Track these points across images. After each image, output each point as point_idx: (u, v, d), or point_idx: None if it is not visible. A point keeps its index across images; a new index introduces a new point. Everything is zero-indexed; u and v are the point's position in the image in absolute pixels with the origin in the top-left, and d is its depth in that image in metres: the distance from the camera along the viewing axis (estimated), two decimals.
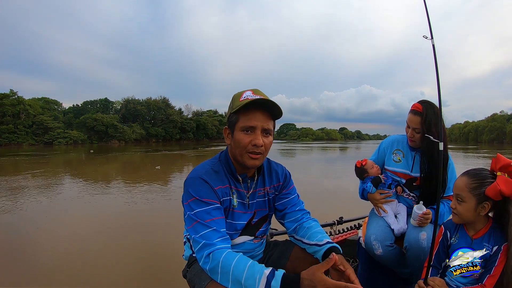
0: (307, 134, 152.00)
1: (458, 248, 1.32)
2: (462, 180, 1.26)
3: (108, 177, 10.23)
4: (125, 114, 64.45)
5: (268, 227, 1.39)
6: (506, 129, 73.55)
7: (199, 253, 1.04)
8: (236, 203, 1.23)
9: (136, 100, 67.54)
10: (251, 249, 1.30)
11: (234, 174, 1.23)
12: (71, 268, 3.08)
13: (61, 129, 49.76)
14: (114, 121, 56.91)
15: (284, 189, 1.38)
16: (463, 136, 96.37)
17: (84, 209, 5.63)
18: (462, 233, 1.33)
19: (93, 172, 12.05)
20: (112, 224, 4.67)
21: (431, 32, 1.41)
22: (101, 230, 4.39)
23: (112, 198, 6.63)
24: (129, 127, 60.47)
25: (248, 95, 1.14)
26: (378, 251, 1.64)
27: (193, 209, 1.09)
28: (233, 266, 0.97)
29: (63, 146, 44.70)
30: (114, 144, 50.81)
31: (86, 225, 4.61)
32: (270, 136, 1.19)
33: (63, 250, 3.58)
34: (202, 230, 1.05)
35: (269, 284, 0.92)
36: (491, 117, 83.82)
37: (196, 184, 1.13)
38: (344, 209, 5.07)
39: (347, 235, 2.43)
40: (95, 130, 53.85)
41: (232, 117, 1.16)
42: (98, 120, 54.11)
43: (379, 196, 1.84)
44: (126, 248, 3.63)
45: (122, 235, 4.13)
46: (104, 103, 69.66)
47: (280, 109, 1.16)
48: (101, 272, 2.98)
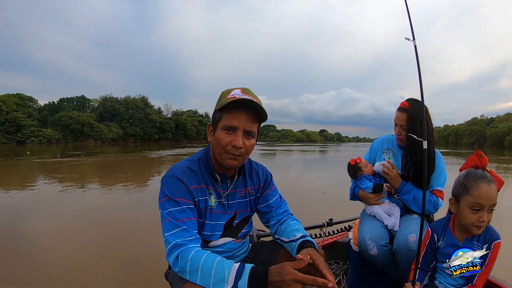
0: (288, 135, 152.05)
1: (445, 250, 1.31)
2: (494, 189, 1.18)
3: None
4: (103, 112, 63.56)
5: (250, 228, 1.38)
6: (486, 133, 73.94)
7: (169, 256, 1.03)
8: (214, 204, 1.21)
9: (114, 98, 66.53)
10: (232, 249, 1.28)
11: (212, 173, 1.21)
12: (51, 267, 3.04)
13: (35, 127, 48.61)
14: (91, 119, 56.02)
15: (266, 190, 1.36)
16: (443, 140, 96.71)
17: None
18: (449, 235, 1.33)
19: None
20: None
21: (413, 33, 1.44)
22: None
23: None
24: (106, 126, 59.59)
25: (236, 93, 1.10)
26: (373, 251, 1.61)
27: (166, 207, 1.08)
28: (202, 263, 0.97)
29: (37, 145, 43.70)
30: (90, 144, 49.76)
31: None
32: (252, 138, 1.15)
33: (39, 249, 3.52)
34: (172, 229, 1.04)
35: (239, 277, 0.92)
36: (471, 121, 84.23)
37: (171, 183, 1.11)
38: (333, 211, 5.11)
39: (337, 237, 2.43)
40: (70, 128, 52.87)
41: (216, 114, 1.13)
42: (74, 118, 53.05)
43: (372, 195, 1.82)
44: (108, 250, 3.54)
45: (101, 242, 3.89)
46: (81, 100, 68.52)
47: (265, 112, 1.13)
48: (79, 273, 2.89)
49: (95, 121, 56.97)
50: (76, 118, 53.34)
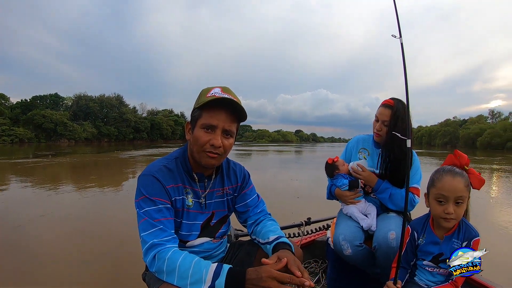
0: (263, 135, 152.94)
1: (426, 248, 1.33)
2: (459, 182, 1.22)
3: None
4: (76, 111, 62.06)
5: (228, 228, 1.37)
6: (459, 134, 76.32)
7: (146, 257, 1.01)
8: (191, 203, 1.19)
9: (89, 97, 65.14)
10: (210, 249, 1.27)
11: (190, 172, 1.19)
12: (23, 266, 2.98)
13: (7, 126, 46.81)
14: (64, 118, 54.67)
15: (243, 190, 1.35)
16: (416, 140, 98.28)
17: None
18: (429, 233, 1.34)
19: None
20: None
21: (399, 31, 1.43)
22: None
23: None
24: (80, 125, 58.18)
25: (216, 92, 1.09)
26: (347, 251, 1.62)
27: (142, 207, 1.06)
28: (179, 263, 0.95)
29: (8, 144, 41.98)
30: (63, 144, 48.57)
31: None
32: (231, 138, 1.14)
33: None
34: (149, 229, 1.02)
35: (216, 277, 0.91)
36: (444, 122, 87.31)
37: (147, 181, 1.09)
38: (311, 209, 5.09)
39: (315, 236, 2.44)
40: (43, 127, 51.33)
41: (195, 112, 1.12)
42: (47, 117, 51.60)
43: (348, 193, 1.81)
44: (85, 250, 3.48)
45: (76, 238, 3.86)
46: (54, 98, 65.65)
47: (245, 112, 1.13)
48: (53, 273, 2.85)
49: (68, 120, 55.65)
50: (49, 116, 51.95)
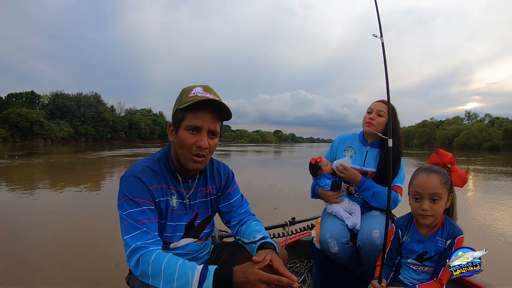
0: (242, 136, 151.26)
1: (410, 246, 1.33)
2: (434, 179, 1.24)
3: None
4: (53, 109, 60.50)
5: (212, 228, 1.34)
6: (436, 135, 78.04)
7: (129, 260, 0.98)
8: (175, 204, 1.17)
9: (66, 95, 63.59)
10: (195, 251, 1.25)
11: (173, 173, 1.17)
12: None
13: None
14: (40, 117, 53.09)
15: (227, 189, 1.33)
16: None
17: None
18: (414, 231, 1.34)
19: None
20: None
21: (380, 31, 1.46)
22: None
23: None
24: (57, 124, 56.60)
25: (198, 91, 1.07)
26: (334, 249, 1.61)
27: (125, 209, 1.02)
28: (164, 266, 0.93)
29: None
30: (39, 143, 46.79)
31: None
32: (216, 138, 1.13)
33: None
34: (132, 231, 0.99)
35: (203, 279, 0.90)
36: (421, 123, 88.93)
37: (130, 182, 1.06)
38: (295, 209, 5.04)
39: (300, 235, 2.42)
40: (18, 126, 49.79)
41: (178, 114, 1.08)
42: (22, 116, 50.07)
43: (331, 193, 1.82)
44: (67, 252, 3.35)
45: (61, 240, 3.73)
46: (30, 96, 63.15)
47: (229, 111, 1.11)
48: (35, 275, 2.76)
49: (45, 119, 54.10)
50: (24, 115, 50.45)
